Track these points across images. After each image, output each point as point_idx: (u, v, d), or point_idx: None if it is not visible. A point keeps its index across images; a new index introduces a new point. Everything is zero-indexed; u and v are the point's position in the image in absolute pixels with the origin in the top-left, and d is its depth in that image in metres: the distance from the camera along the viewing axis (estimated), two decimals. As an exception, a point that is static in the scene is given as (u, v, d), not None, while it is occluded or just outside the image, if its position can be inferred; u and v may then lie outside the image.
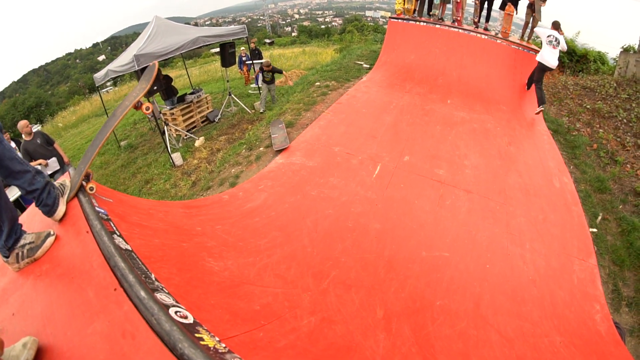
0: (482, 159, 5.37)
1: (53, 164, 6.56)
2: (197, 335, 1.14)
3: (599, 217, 4.94)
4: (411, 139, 5.36)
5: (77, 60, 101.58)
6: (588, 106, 8.73)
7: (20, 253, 1.76)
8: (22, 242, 1.77)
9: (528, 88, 8.49)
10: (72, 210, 1.93)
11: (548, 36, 7.45)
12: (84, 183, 2.06)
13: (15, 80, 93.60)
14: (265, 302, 1.84)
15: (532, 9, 8.80)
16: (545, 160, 5.89)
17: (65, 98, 47.68)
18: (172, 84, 10.43)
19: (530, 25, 9.23)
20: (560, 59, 12.72)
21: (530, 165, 5.58)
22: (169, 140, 8.60)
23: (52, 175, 6.40)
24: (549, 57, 7.45)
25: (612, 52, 13.42)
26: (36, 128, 8.32)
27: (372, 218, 3.73)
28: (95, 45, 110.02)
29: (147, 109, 2.02)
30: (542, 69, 7.62)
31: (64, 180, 2.11)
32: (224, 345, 1.18)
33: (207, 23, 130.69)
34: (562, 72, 14.14)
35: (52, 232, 1.83)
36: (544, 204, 4.76)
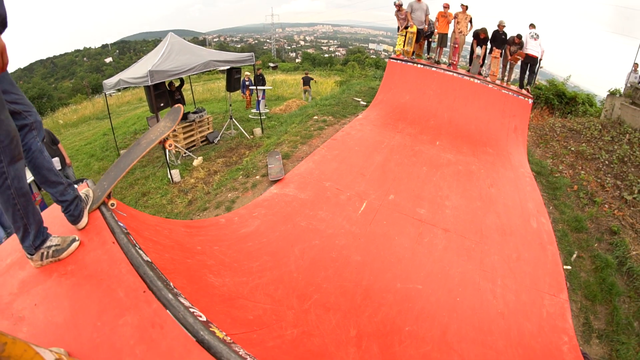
0: (462, 200, 5.73)
1: (55, 164, 6.82)
2: (210, 329, 1.49)
3: (574, 255, 5.25)
4: (398, 178, 5.78)
5: (85, 59, 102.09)
6: (572, 148, 9.30)
7: (45, 253, 2.01)
8: (48, 243, 2.02)
9: (521, 87, 10.19)
10: (94, 221, 2.27)
11: (529, 33, 9.91)
12: (105, 199, 2.42)
13: (22, 67, 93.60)
14: (256, 314, 2.17)
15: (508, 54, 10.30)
16: (525, 201, 6.24)
17: (68, 94, 47.87)
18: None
19: (507, 68, 10.50)
20: (550, 100, 13.76)
21: (509, 206, 5.93)
22: (169, 156, 8.93)
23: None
24: (532, 48, 9.83)
25: (602, 92, 14.22)
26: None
27: (354, 251, 4.08)
28: (104, 46, 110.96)
29: (170, 145, 2.39)
30: (527, 59, 9.95)
31: (87, 191, 2.44)
32: (229, 338, 1.52)
33: (215, 40, 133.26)
34: (552, 114, 14.81)
35: (77, 238, 2.13)
36: (519, 243, 5.08)
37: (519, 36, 9.94)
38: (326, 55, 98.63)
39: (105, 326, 1.53)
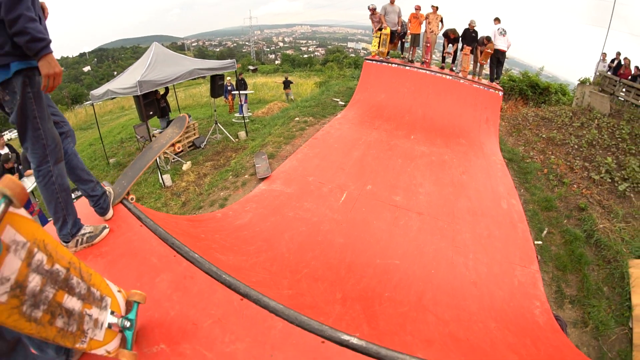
0: (435, 187, 6.20)
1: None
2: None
3: (545, 231, 5.68)
4: (374, 171, 6.33)
5: (63, 69, 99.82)
6: (544, 135, 9.86)
7: (80, 239, 2.43)
8: (82, 231, 2.45)
9: (491, 80, 10.86)
10: (118, 212, 2.76)
11: (498, 29, 10.66)
12: (125, 195, 2.90)
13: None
14: (257, 279, 2.68)
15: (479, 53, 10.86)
16: (496, 185, 6.70)
17: (48, 106, 46.78)
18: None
19: (478, 65, 11.02)
20: (524, 91, 14.57)
21: (480, 190, 6.39)
22: (159, 162, 9.33)
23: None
24: (500, 43, 10.63)
25: (575, 80, 14.83)
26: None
27: (338, 234, 4.62)
28: (82, 55, 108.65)
29: (178, 148, 2.88)
30: (496, 54, 10.64)
31: (109, 189, 2.91)
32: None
33: (194, 45, 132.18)
34: (526, 105, 15.53)
35: (107, 226, 2.59)
36: (490, 222, 5.50)
37: (488, 38, 10.60)
38: (305, 55, 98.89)
39: (144, 285, 2.03)
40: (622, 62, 13.57)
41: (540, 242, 5.42)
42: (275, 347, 1.69)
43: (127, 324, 1.58)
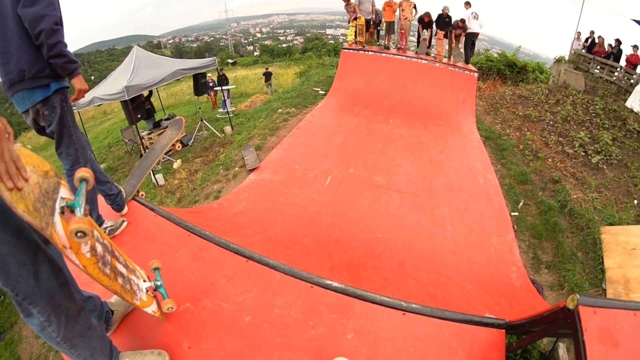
0: (414, 167, 6.61)
1: None
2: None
3: (520, 203, 5.99)
4: (356, 155, 6.81)
5: None
6: (520, 113, 10.30)
7: None
8: (105, 225, 2.88)
9: (467, 62, 11.23)
10: (132, 207, 3.20)
11: (471, 13, 11.15)
12: (135, 193, 3.33)
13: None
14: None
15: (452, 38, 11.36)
16: (473, 162, 7.09)
17: (27, 119, 46.19)
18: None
19: (452, 48, 11.48)
20: (501, 71, 15.06)
21: (457, 168, 6.78)
22: (151, 163, 9.66)
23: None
24: (474, 26, 11.15)
25: (553, 56, 15.18)
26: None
27: (325, 215, 5.10)
28: None
29: (178, 147, 3.30)
30: (470, 36, 11.26)
31: (120, 188, 3.34)
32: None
33: (170, 42, 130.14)
34: (504, 84, 16.01)
35: (125, 220, 3.05)
36: (467, 197, 5.89)
37: (462, 20, 11.06)
38: (284, 45, 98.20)
39: (167, 261, 2.49)
40: (597, 41, 14.10)
41: (516, 214, 5.76)
42: (275, 293, 2.19)
43: (159, 283, 2.04)
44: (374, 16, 12.01)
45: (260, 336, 2.04)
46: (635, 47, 12.35)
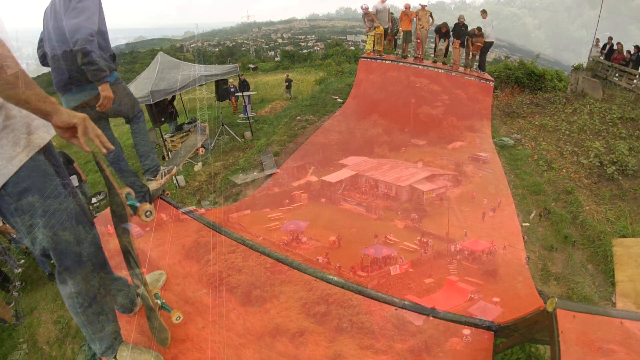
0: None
1: (73, 180, 7.74)
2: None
3: (532, 214, 6.04)
4: (369, 163, 7.01)
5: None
6: (536, 122, 10.17)
7: (162, 173, 3.27)
8: (161, 169, 3.28)
9: (482, 70, 11.27)
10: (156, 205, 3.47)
11: (488, 22, 11.11)
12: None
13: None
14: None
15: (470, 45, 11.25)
16: (486, 172, 7.18)
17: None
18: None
19: (470, 56, 11.43)
20: (519, 79, 14.96)
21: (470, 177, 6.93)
22: (173, 165, 10.00)
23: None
24: (490, 34, 11.08)
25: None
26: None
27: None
28: None
29: (201, 151, 3.58)
30: (486, 45, 11.25)
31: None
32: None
33: (192, 46, 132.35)
34: (522, 92, 15.83)
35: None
36: (476, 206, 6.04)
37: (479, 28, 11.14)
38: (305, 51, 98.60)
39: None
40: (615, 47, 13.81)
41: (527, 224, 5.77)
42: (283, 284, 2.45)
43: (159, 302, 2.30)
44: (390, 24, 12.18)
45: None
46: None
